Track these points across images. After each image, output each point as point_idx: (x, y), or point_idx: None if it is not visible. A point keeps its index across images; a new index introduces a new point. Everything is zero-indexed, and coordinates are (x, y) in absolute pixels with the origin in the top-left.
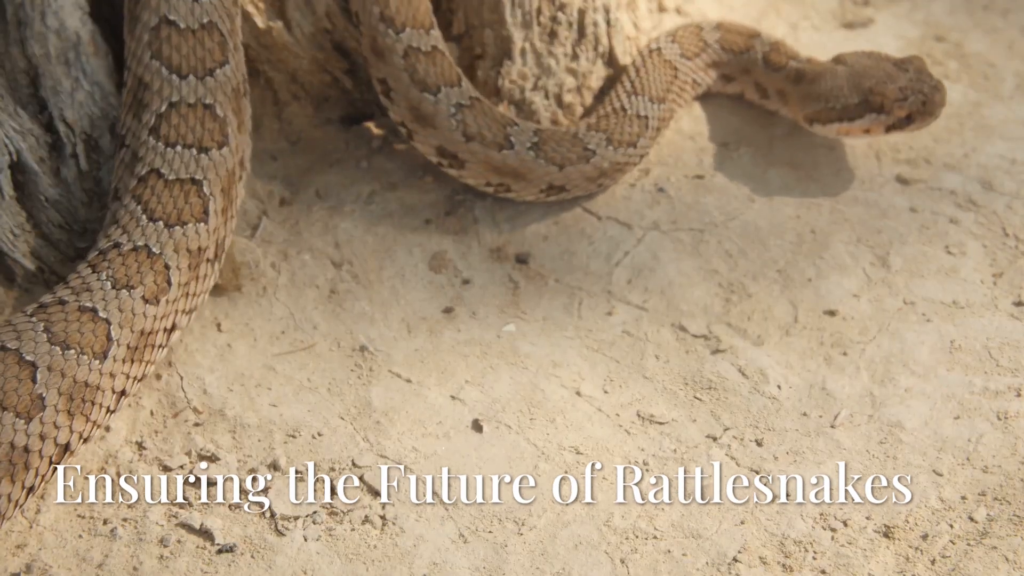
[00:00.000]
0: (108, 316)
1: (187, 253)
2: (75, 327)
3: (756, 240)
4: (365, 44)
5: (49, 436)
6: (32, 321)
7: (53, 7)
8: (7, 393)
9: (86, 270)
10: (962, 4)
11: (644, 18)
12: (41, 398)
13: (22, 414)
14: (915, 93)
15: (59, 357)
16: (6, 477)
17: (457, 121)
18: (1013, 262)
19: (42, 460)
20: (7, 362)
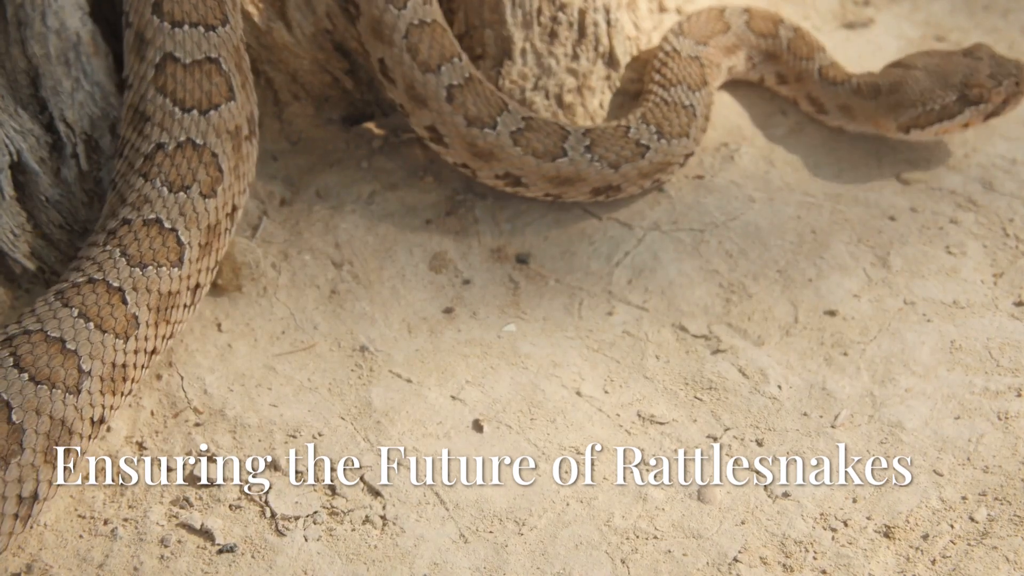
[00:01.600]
0: (77, 349)
1: (157, 294)
2: (44, 360)
3: (756, 240)
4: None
5: None
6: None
7: (53, 7)
8: None
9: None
10: (962, 4)
11: (645, 18)
12: None
13: None
14: (1006, 76)
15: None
16: None
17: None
18: (1013, 262)
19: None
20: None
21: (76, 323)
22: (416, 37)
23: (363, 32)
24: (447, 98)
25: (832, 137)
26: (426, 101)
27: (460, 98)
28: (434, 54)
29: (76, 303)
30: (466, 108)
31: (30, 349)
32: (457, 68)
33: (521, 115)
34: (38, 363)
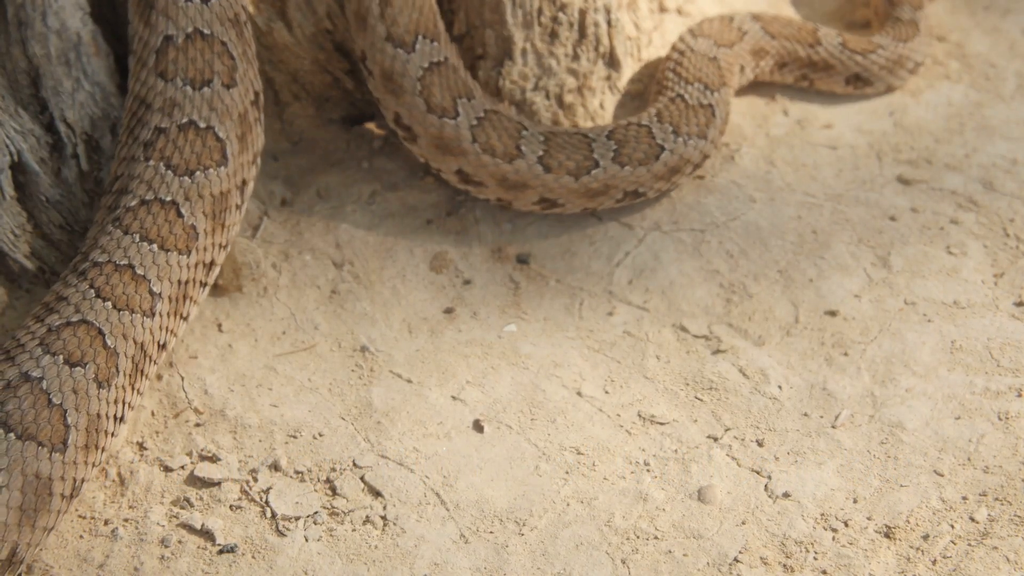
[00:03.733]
0: (63, 403)
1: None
2: (120, 289)
3: (757, 240)
4: None
5: None
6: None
7: (54, 7)
8: None
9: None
10: (963, 4)
11: (645, 18)
12: None
13: None
14: None
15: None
16: None
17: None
18: (1014, 262)
19: None
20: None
21: (140, 247)
22: (429, 81)
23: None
24: (471, 139)
25: (833, 136)
26: (453, 147)
27: (483, 135)
28: (448, 94)
29: (135, 228)
30: (491, 145)
31: (105, 280)
32: (473, 105)
33: (540, 132)
34: (115, 292)
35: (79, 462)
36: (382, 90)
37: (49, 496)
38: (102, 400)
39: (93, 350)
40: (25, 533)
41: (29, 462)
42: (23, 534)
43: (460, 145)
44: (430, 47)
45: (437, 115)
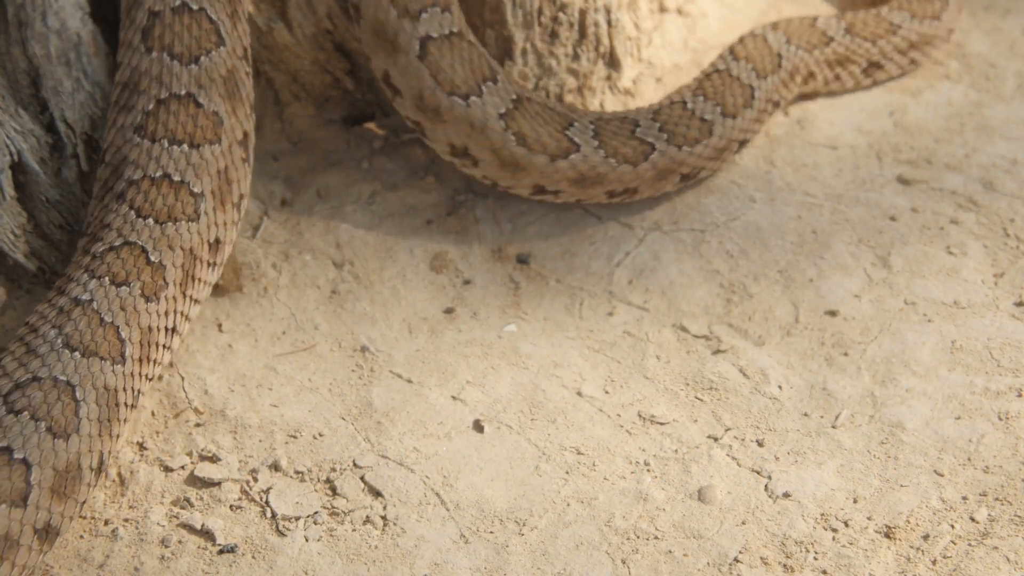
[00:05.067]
0: (114, 320)
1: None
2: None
3: (757, 240)
4: None
5: None
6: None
7: (54, 7)
8: None
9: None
10: (963, 4)
11: (645, 18)
12: None
13: None
14: None
15: None
16: None
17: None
18: (1014, 262)
19: None
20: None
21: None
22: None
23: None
24: (549, 161)
25: (833, 136)
26: (523, 166)
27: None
28: (535, 123)
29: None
30: (537, 141)
31: (144, 198)
32: (499, 92)
33: (589, 119)
34: (156, 207)
35: (136, 374)
36: (427, 121)
37: (117, 406)
38: (152, 313)
39: (137, 268)
40: (106, 442)
41: (97, 376)
42: (104, 443)
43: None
44: (495, 87)
45: (528, 150)
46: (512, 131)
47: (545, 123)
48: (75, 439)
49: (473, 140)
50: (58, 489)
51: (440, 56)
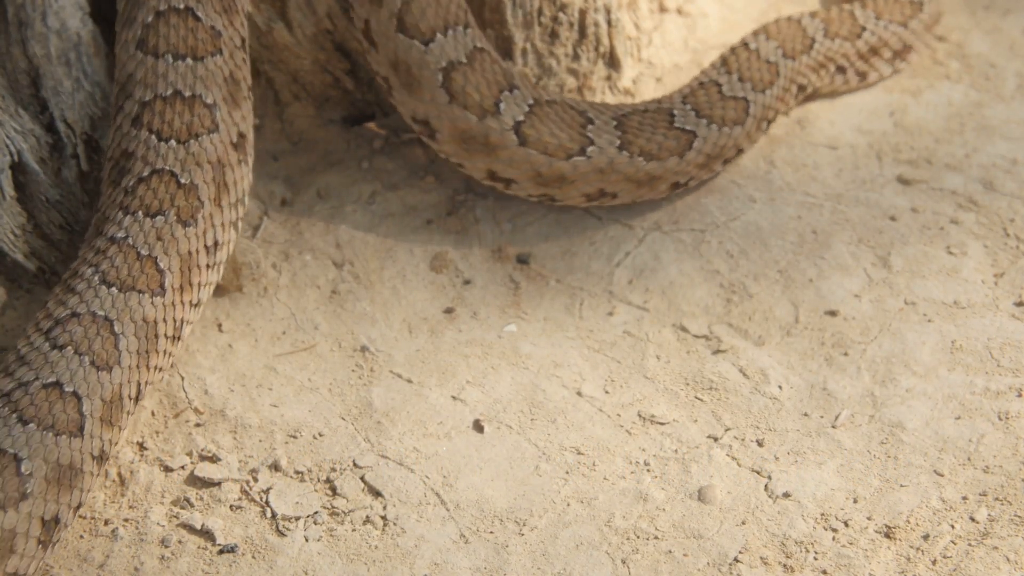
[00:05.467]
0: (151, 252)
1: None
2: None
3: (757, 240)
4: None
5: None
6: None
7: (54, 7)
8: None
9: None
10: (963, 4)
11: (645, 18)
12: None
13: None
14: None
15: None
16: None
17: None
18: (1014, 262)
19: None
20: None
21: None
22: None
23: None
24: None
25: (833, 136)
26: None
27: None
28: (563, 132)
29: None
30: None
31: (161, 119)
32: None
33: (612, 116)
34: (174, 128)
35: (177, 303)
36: (462, 153)
37: (156, 338)
38: (190, 238)
39: (169, 195)
40: (143, 373)
41: (135, 309)
42: (143, 374)
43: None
44: (517, 97)
45: (561, 158)
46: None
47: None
48: (117, 371)
49: None
50: (106, 418)
51: None
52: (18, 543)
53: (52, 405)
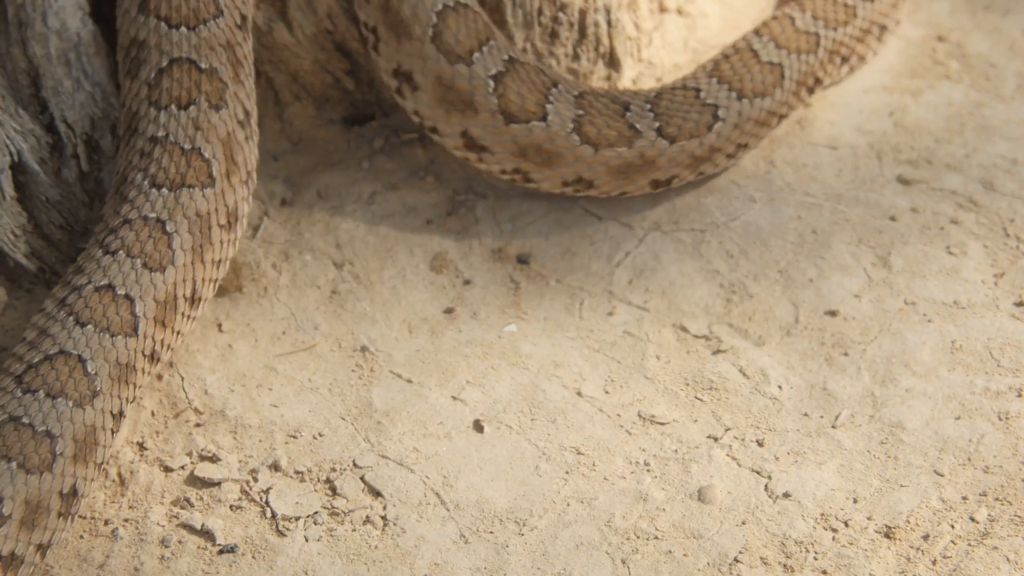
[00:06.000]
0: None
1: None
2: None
3: (757, 240)
4: None
5: None
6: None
7: (54, 8)
8: None
9: None
10: (963, 4)
11: (645, 18)
12: None
13: None
14: None
15: None
16: None
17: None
18: (1014, 262)
19: None
20: None
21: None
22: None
23: None
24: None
25: (833, 136)
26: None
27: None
28: (600, 127)
29: None
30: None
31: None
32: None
33: (644, 99)
34: (173, 94)
35: (226, 189)
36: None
37: (210, 229)
38: (225, 121)
39: (195, 83)
40: (199, 270)
41: (187, 206)
42: (198, 271)
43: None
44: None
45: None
46: None
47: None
48: (171, 271)
49: None
50: (159, 319)
51: None
52: (99, 436)
53: (106, 308)
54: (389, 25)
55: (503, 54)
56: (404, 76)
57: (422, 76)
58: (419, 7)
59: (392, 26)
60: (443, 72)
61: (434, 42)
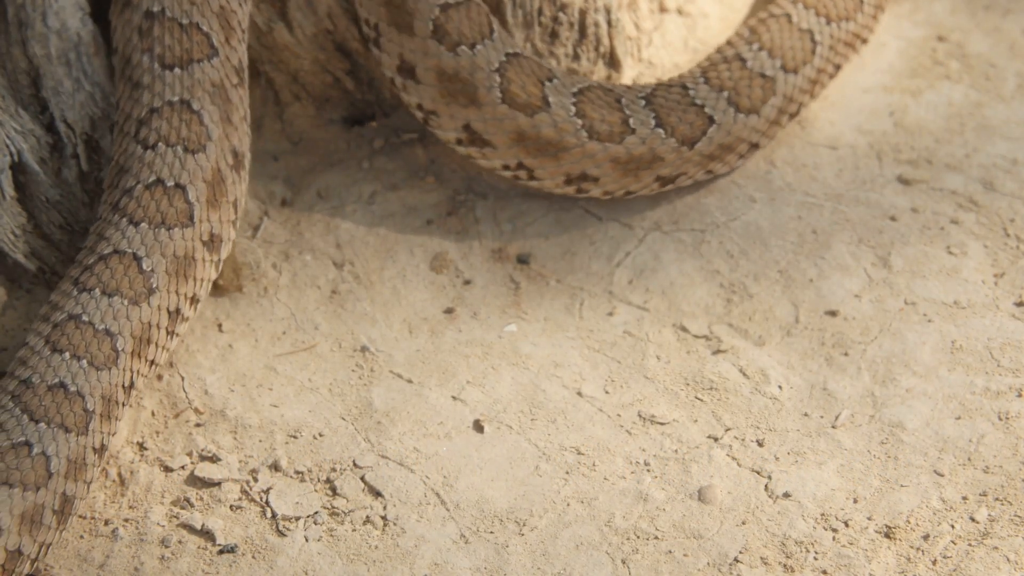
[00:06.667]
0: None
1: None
2: None
3: (757, 240)
4: None
5: None
6: None
7: (54, 8)
8: None
9: None
10: (963, 4)
11: (645, 19)
12: None
13: None
14: None
15: None
16: None
17: None
18: (1014, 262)
19: None
20: None
21: None
22: None
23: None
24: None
25: (833, 136)
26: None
27: None
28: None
29: None
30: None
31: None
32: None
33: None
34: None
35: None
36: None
37: (223, 183)
38: (215, 68)
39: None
40: (233, 139)
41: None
42: (232, 140)
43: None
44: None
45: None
46: None
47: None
48: (211, 148)
49: None
50: (210, 201)
51: None
52: (153, 335)
53: (159, 203)
54: (391, 19)
55: (506, 47)
56: (407, 70)
57: (424, 70)
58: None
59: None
60: (445, 62)
61: (435, 35)
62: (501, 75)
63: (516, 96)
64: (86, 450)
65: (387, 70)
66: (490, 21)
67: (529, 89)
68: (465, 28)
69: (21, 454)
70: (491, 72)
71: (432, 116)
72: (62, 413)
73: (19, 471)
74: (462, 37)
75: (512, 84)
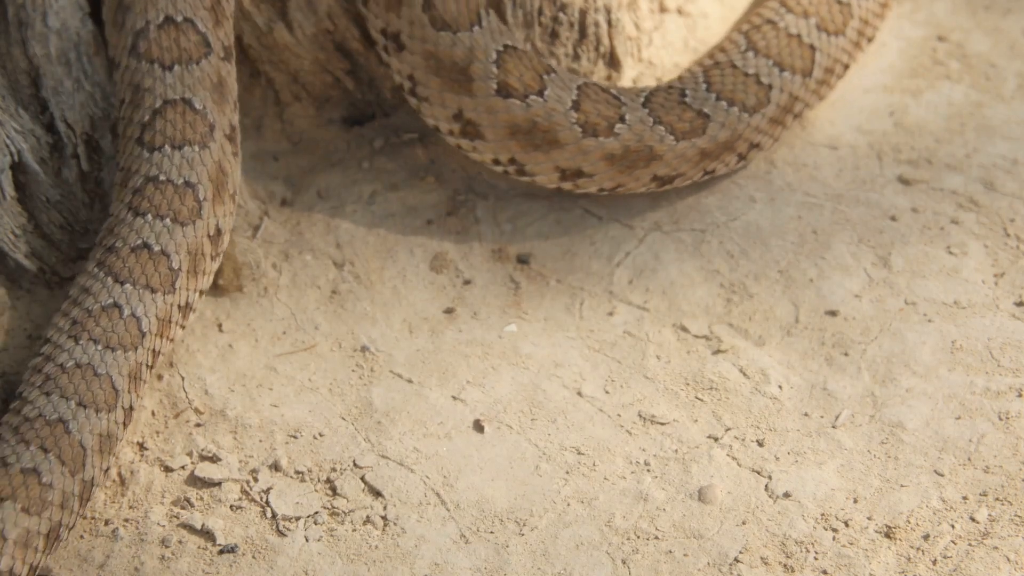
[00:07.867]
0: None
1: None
2: None
3: (758, 240)
4: None
5: None
6: None
7: (54, 8)
8: None
9: None
10: (964, 4)
11: (645, 18)
12: None
13: None
14: None
15: None
16: None
17: None
18: (1015, 262)
19: None
20: None
21: None
22: None
23: None
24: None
25: (833, 136)
26: None
27: None
28: None
29: None
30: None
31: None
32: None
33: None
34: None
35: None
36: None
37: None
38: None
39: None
40: (227, 166)
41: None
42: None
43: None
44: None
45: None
46: None
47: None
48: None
49: None
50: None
51: None
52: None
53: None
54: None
55: (503, 38)
56: (392, 36)
57: (409, 38)
58: None
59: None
60: (440, 45)
61: (427, 10)
62: (499, 66)
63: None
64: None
65: (396, 76)
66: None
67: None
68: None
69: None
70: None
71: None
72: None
73: (115, 334)
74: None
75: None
